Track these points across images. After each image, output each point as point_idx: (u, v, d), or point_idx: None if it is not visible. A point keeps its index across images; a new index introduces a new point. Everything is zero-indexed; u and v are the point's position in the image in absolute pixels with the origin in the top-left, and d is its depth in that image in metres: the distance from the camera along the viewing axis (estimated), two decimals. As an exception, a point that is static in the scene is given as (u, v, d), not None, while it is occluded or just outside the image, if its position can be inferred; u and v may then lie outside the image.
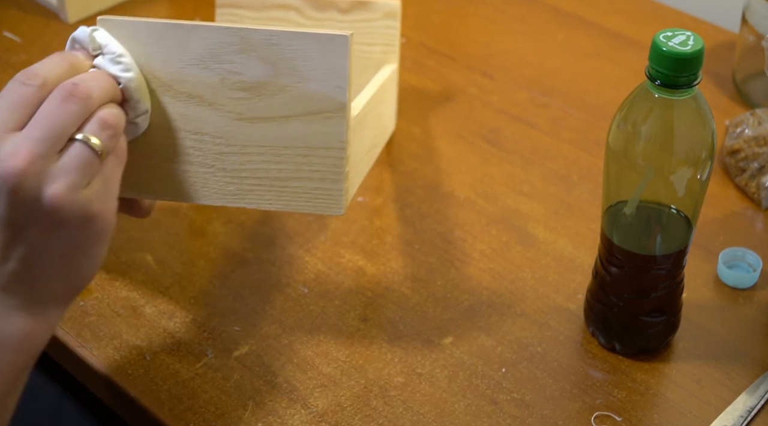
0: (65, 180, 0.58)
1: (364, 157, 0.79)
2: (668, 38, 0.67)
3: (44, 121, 0.58)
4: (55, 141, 0.58)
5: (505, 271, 0.86)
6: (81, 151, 0.59)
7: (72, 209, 0.58)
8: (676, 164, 0.70)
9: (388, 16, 0.92)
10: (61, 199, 0.57)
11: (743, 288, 0.84)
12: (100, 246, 0.61)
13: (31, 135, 0.58)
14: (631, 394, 0.76)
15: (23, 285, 0.59)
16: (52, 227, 0.58)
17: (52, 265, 0.59)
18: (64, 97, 0.59)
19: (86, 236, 0.59)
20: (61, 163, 0.58)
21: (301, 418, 0.74)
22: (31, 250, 0.58)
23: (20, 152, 0.57)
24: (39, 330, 0.60)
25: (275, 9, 0.93)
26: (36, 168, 0.57)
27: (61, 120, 0.58)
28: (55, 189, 0.57)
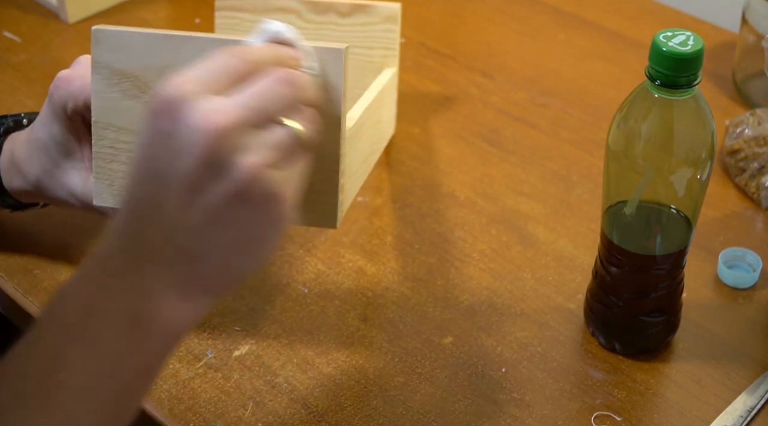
0: (264, 154, 0.54)
1: (361, 166, 0.78)
2: (668, 38, 0.67)
3: (256, 94, 0.55)
4: (263, 116, 0.55)
5: (505, 271, 0.86)
6: (284, 133, 0.56)
7: (261, 185, 0.54)
8: (676, 164, 0.70)
9: (387, 20, 0.92)
10: (255, 172, 0.54)
11: (743, 288, 0.84)
12: (275, 235, 0.57)
13: (239, 100, 0.54)
14: (631, 394, 0.76)
15: (189, 261, 0.55)
16: (236, 200, 0.54)
17: (224, 246, 0.55)
18: (281, 79, 0.56)
19: (266, 220, 0.55)
20: (264, 137, 0.55)
21: (301, 418, 0.74)
22: (207, 221, 0.54)
23: (226, 112, 0.53)
24: (187, 316, 0.56)
25: (275, 12, 0.93)
26: (236, 133, 0.53)
27: (274, 99, 0.56)
28: (251, 159, 0.53)
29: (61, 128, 0.77)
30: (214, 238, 0.55)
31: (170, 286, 0.55)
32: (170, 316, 0.55)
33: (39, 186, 0.78)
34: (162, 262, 0.55)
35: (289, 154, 0.56)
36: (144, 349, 0.55)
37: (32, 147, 0.78)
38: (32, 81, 1.05)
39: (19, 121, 0.83)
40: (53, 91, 0.76)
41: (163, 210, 0.54)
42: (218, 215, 0.54)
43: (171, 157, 0.53)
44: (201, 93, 0.54)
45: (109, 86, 0.68)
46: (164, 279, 0.55)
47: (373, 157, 0.85)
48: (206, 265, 0.55)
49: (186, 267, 0.55)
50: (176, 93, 0.53)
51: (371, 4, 0.92)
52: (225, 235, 0.55)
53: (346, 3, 0.92)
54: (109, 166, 0.70)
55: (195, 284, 0.56)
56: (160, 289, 0.55)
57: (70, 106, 0.75)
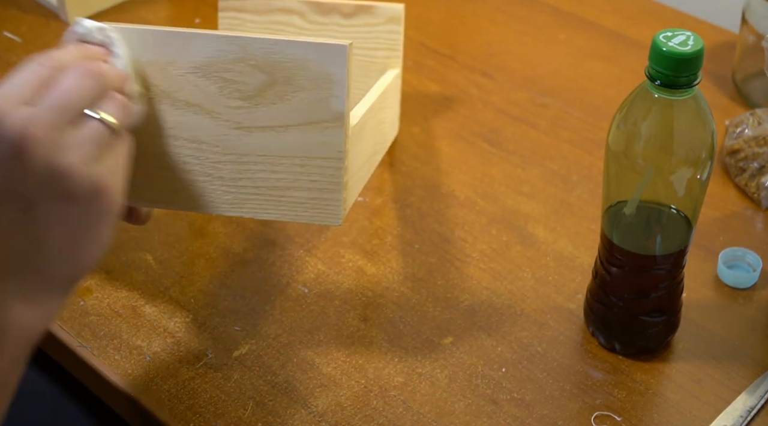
0: (79, 151, 0.57)
1: (364, 165, 0.78)
2: (668, 38, 0.67)
3: (61, 94, 0.57)
4: (70, 113, 0.57)
5: (505, 271, 0.86)
6: (95, 125, 0.58)
7: (84, 181, 0.57)
8: (676, 164, 0.70)
9: (391, 21, 0.92)
10: (74, 170, 0.56)
11: (743, 288, 0.84)
12: (107, 225, 0.59)
13: (47, 104, 0.57)
14: (631, 394, 0.76)
15: (24, 266, 0.57)
16: (63, 200, 0.57)
17: (58, 243, 0.58)
18: (81, 73, 0.59)
19: (94, 213, 0.58)
20: (76, 135, 0.57)
21: (301, 418, 0.74)
22: (40, 228, 0.57)
23: (35, 120, 0.56)
24: (37, 320, 0.58)
25: (278, 13, 0.93)
26: (50, 137, 0.56)
27: (77, 93, 0.58)
28: (69, 159, 0.56)
29: None
30: (48, 241, 0.57)
31: (15, 296, 0.57)
32: (21, 324, 0.57)
33: None
34: (4, 275, 0.57)
35: (105, 143, 0.59)
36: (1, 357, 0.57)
37: None
38: (32, 81, 1.05)
39: None
40: None
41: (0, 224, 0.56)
42: (49, 219, 0.57)
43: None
44: (9, 108, 0.56)
45: None
46: (8, 290, 0.57)
47: (376, 157, 0.85)
48: (49, 268, 0.58)
49: (29, 275, 0.57)
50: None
51: (374, 5, 0.92)
52: (59, 236, 0.57)
53: (350, 4, 0.92)
54: None
55: (39, 288, 0.58)
56: (4, 301, 0.57)
57: None
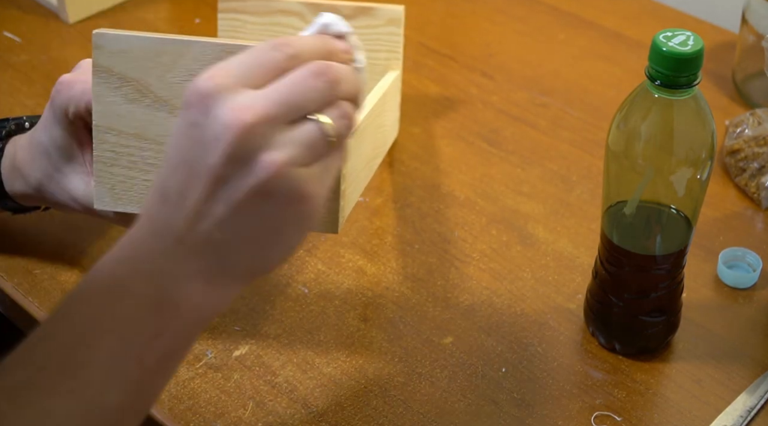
0: (289, 151, 0.54)
1: (363, 169, 0.78)
2: (668, 38, 0.67)
3: (287, 88, 0.55)
4: (293, 110, 0.55)
5: (505, 271, 0.86)
6: (314, 130, 0.56)
7: (285, 183, 0.54)
8: (676, 164, 0.70)
9: (391, 23, 0.92)
10: (279, 168, 0.54)
11: (743, 288, 0.84)
12: (300, 231, 0.57)
13: (270, 95, 0.54)
14: (631, 394, 0.76)
15: (213, 250, 0.55)
16: (259, 195, 0.54)
17: (247, 236, 0.56)
18: (314, 72, 0.56)
19: (290, 216, 0.56)
20: (291, 134, 0.55)
21: (301, 418, 0.74)
22: (230, 213, 0.55)
23: (254, 108, 0.53)
24: (212, 302, 0.57)
25: (278, 14, 0.93)
26: (265, 129, 0.54)
27: (304, 93, 0.55)
28: (276, 156, 0.54)
29: (62, 132, 0.77)
30: (237, 230, 0.55)
31: (197, 273, 0.56)
32: (196, 302, 0.56)
33: (40, 189, 0.78)
34: (189, 250, 0.55)
35: (318, 150, 0.56)
36: (169, 333, 0.56)
37: (33, 151, 0.78)
38: (32, 81, 1.05)
39: (21, 124, 0.83)
40: (54, 95, 0.76)
41: (190, 199, 0.55)
42: (241, 209, 0.55)
43: (199, 149, 0.54)
44: (233, 86, 0.54)
45: (109, 90, 0.68)
46: (190, 265, 0.56)
47: (376, 161, 0.85)
48: (231, 255, 0.56)
49: (211, 256, 0.56)
50: (208, 86, 0.54)
51: (374, 6, 0.92)
52: (248, 228, 0.55)
53: (350, 5, 0.91)
54: (110, 171, 0.70)
55: (220, 272, 0.56)
56: (187, 275, 0.56)
57: (71, 110, 0.75)
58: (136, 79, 0.67)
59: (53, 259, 0.85)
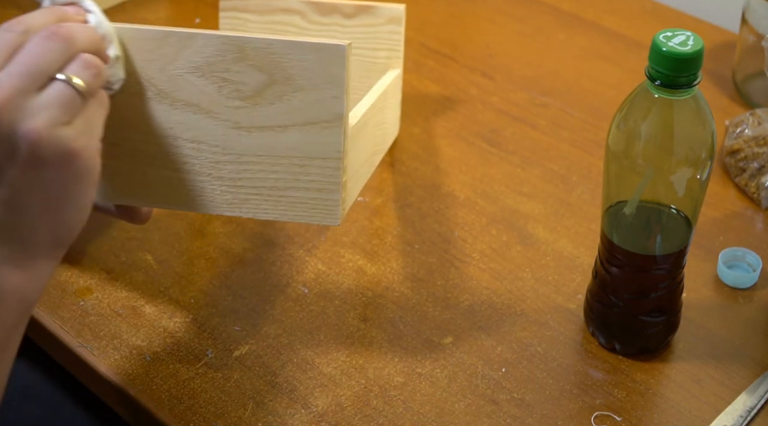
0: (45, 115, 0.56)
1: (364, 165, 0.78)
2: (668, 38, 0.67)
3: (25, 59, 0.57)
4: (36, 77, 0.56)
5: (505, 271, 0.86)
6: (62, 88, 0.57)
7: (52, 145, 0.56)
8: (676, 164, 0.70)
9: (392, 21, 0.92)
10: (40, 134, 0.55)
11: (743, 288, 0.84)
12: (85, 188, 0.58)
13: (12, 70, 0.56)
14: (631, 394, 0.76)
15: (8, 233, 0.57)
16: (32, 165, 0.56)
17: (36, 209, 0.57)
18: (46, 36, 0.58)
19: (69, 177, 0.57)
20: (41, 98, 0.56)
21: (301, 418, 0.74)
22: (12, 192, 0.56)
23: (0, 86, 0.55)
24: (29, 284, 0.58)
25: (279, 13, 0.93)
26: (15, 103, 0.55)
27: (43, 57, 0.57)
28: (34, 123, 0.55)
29: None
30: (25, 206, 0.57)
31: (4, 262, 0.57)
32: (14, 288, 0.57)
33: None
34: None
35: (73, 105, 0.57)
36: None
37: None
38: (32, 81, 1.05)
39: None
40: None
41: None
42: (21, 185, 0.56)
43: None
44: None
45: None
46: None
47: (376, 157, 0.85)
48: (30, 233, 0.57)
49: (10, 239, 0.57)
50: None
51: (376, 5, 0.92)
52: (35, 200, 0.57)
53: (351, 4, 0.92)
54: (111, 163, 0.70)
55: (25, 252, 0.57)
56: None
57: None
58: (138, 71, 0.67)
59: (53, 259, 0.85)
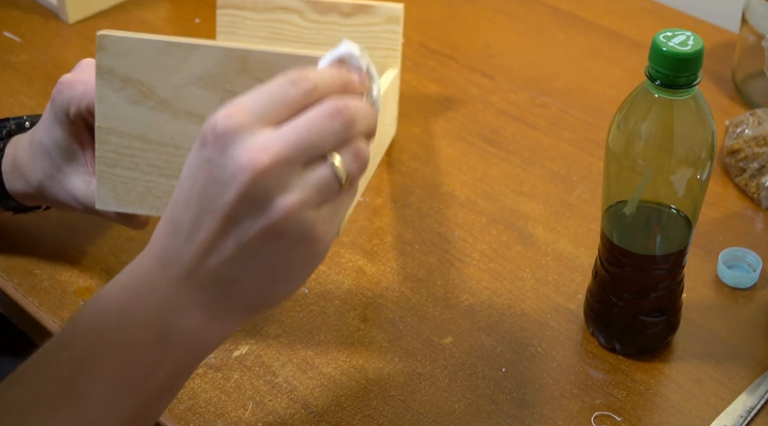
0: (301, 194, 0.55)
1: None
2: (668, 38, 0.67)
3: (303, 128, 0.55)
4: (308, 153, 0.55)
5: (505, 271, 0.86)
6: (326, 174, 0.56)
7: (296, 225, 0.55)
8: (676, 164, 0.70)
9: (390, 21, 0.92)
10: (290, 211, 0.54)
11: (743, 288, 0.84)
12: (306, 270, 0.58)
13: (286, 136, 0.54)
14: (631, 394, 0.76)
15: (220, 285, 0.56)
16: (270, 236, 0.55)
17: (255, 274, 0.56)
18: (331, 113, 0.56)
19: (297, 256, 0.57)
20: (304, 176, 0.55)
21: (301, 418, 0.74)
22: (240, 251, 0.55)
23: (270, 149, 0.54)
24: (215, 334, 0.58)
25: (277, 11, 0.93)
26: (279, 171, 0.54)
27: (320, 134, 0.55)
28: (289, 199, 0.54)
29: (63, 132, 0.77)
30: (245, 267, 0.56)
31: (201, 306, 0.56)
32: (199, 335, 0.57)
33: (41, 189, 0.78)
34: (196, 282, 0.56)
35: (330, 193, 0.56)
36: (170, 363, 0.57)
37: (34, 150, 0.78)
38: (32, 81, 1.05)
39: (21, 123, 0.83)
40: (56, 95, 0.76)
41: (201, 234, 0.55)
42: (251, 247, 0.55)
43: (214, 187, 0.54)
44: (250, 125, 0.54)
45: (112, 91, 0.68)
46: (197, 298, 0.56)
47: (376, 159, 0.85)
48: (237, 291, 0.57)
49: (218, 290, 0.56)
50: (226, 124, 0.54)
51: (373, 4, 0.92)
52: (257, 266, 0.56)
53: (349, 3, 0.92)
54: (112, 171, 0.70)
55: (225, 306, 0.57)
56: (192, 308, 0.56)
57: (72, 110, 0.75)
58: (140, 80, 0.67)
59: (53, 259, 0.85)
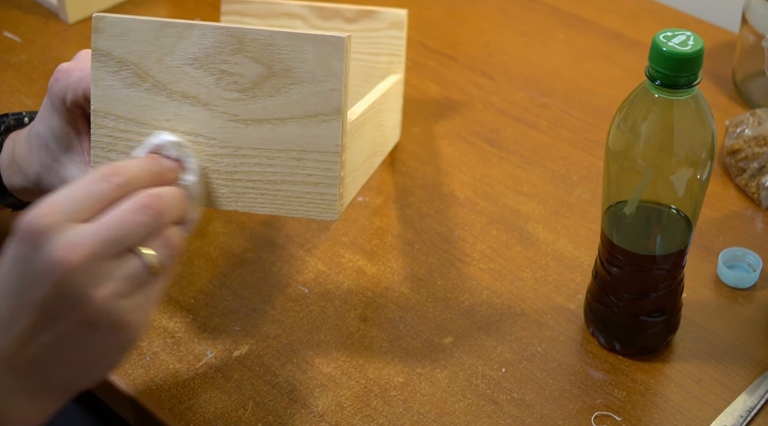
0: (112, 287, 0.58)
1: (363, 164, 0.78)
2: (668, 38, 0.67)
3: (113, 224, 0.58)
4: (116, 247, 0.58)
5: (505, 271, 0.86)
6: (136, 264, 0.59)
7: (108, 317, 0.58)
8: (676, 164, 0.70)
9: (393, 26, 0.92)
10: (101, 304, 0.57)
11: (743, 288, 0.84)
12: (121, 354, 0.61)
13: (95, 233, 0.57)
14: (631, 394, 0.76)
15: (38, 370, 0.59)
16: (83, 326, 0.58)
17: (71, 360, 0.59)
18: (139, 207, 0.59)
19: (111, 343, 0.59)
20: (113, 269, 0.58)
21: (301, 418, 0.74)
22: (55, 341, 0.58)
23: (80, 247, 0.56)
24: (38, 416, 0.60)
25: (281, 17, 0.93)
26: (88, 267, 0.57)
27: (130, 228, 0.58)
28: (100, 293, 0.57)
29: (60, 121, 0.77)
30: (61, 356, 0.59)
31: (23, 390, 0.59)
32: (22, 416, 0.60)
33: (39, 182, 0.78)
34: (16, 370, 0.59)
35: (141, 282, 0.59)
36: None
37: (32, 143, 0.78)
38: (32, 81, 1.06)
39: (20, 119, 0.83)
40: (53, 84, 0.76)
41: (17, 327, 0.58)
42: (66, 338, 0.58)
43: (27, 283, 0.57)
44: (61, 223, 0.57)
45: (108, 74, 0.68)
46: (19, 384, 0.59)
47: (376, 159, 0.85)
48: (58, 375, 0.60)
49: (37, 375, 0.59)
50: (38, 223, 0.57)
51: (377, 10, 0.92)
52: (72, 354, 0.59)
53: (352, 9, 0.92)
54: (107, 156, 0.70)
55: (45, 389, 0.60)
56: (14, 392, 0.59)
57: (69, 97, 0.75)
58: (135, 62, 0.67)
59: (53, 259, 0.85)
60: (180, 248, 0.62)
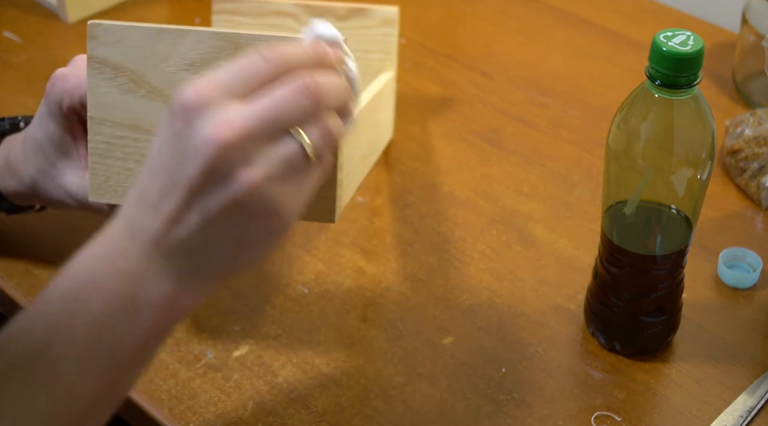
0: (266, 169, 0.55)
1: (359, 165, 0.78)
2: (668, 38, 0.67)
3: (271, 104, 0.55)
4: (274, 129, 0.55)
5: (505, 271, 0.86)
6: (293, 149, 0.56)
7: (260, 200, 0.55)
8: (676, 164, 0.70)
9: (385, 23, 0.92)
10: (255, 186, 0.55)
11: (743, 288, 0.84)
12: (271, 244, 0.58)
13: (252, 112, 0.55)
14: (631, 394, 0.76)
15: (186, 254, 0.57)
16: (233, 209, 0.55)
17: (219, 245, 0.57)
18: (300, 89, 0.56)
19: (262, 230, 0.57)
20: (270, 151, 0.55)
21: (301, 418, 0.74)
22: (204, 223, 0.56)
23: (236, 124, 0.54)
24: (184, 301, 0.58)
25: (272, 15, 0.93)
26: (244, 146, 0.54)
27: (288, 111, 0.56)
28: (253, 174, 0.55)
29: (56, 126, 0.77)
30: (210, 239, 0.57)
31: (170, 274, 0.57)
32: (169, 301, 0.58)
33: (34, 187, 0.78)
34: (164, 252, 0.57)
35: (296, 168, 0.57)
36: (142, 329, 0.57)
37: (28, 147, 0.78)
38: (32, 81, 1.05)
39: (16, 124, 0.83)
40: (49, 89, 0.76)
41: (167, 205, 0.56)
42: (215, 219, 0.56)
43: (180, 159, 0.55)
44: (218, 99, 0.55)
45: (104, 81, 0.68)
46: (165, 267, 0.57)
47: (371, 158, 0.85)
48: (203, 259, 0.57)
49: (184, 259, 0.57)
50: (193, 97, 0.55)
51: (368, 7, 0.92)
52: (221, 237, 0.57)
53: (343, 6, 0.92)
54: (105, 162, 0.70)
55: (192, 274, 0.58)
56: (160, 276, 0.57)
57: (65, 102, 0.75)
58: (131, 69, 0.67)
59: (53, 259, 0.85)
60: (338, 140, 0.58)
